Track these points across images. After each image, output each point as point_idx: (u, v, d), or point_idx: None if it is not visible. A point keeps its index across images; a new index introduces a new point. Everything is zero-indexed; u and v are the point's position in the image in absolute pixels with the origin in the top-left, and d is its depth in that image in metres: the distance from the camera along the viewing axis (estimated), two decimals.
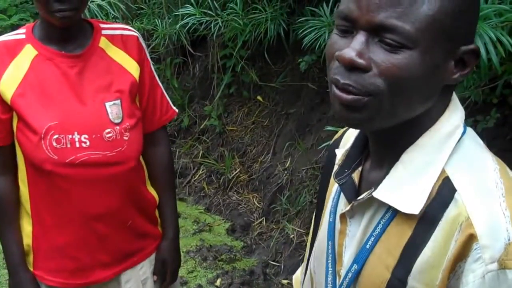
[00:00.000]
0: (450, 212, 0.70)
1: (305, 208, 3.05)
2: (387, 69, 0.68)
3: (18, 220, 1.51)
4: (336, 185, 0.87)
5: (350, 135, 0.91)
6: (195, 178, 3.87)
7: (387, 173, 0.76)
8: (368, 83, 0.69)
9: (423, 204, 0.72)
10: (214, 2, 3.10)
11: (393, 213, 0.75)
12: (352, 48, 0.69)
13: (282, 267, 3.00)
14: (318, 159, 3.09)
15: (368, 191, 0.77)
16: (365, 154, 0.84)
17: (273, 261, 3.07)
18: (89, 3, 3.41)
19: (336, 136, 0.97)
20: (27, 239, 1.51)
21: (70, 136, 1.40)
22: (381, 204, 0.76)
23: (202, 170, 3.86)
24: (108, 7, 3.72)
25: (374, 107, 0.70)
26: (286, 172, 3.30)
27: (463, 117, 0.78)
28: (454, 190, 0.71)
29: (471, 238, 0.68)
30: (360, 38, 0.69)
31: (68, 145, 1.40)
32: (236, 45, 3.35)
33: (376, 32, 0.68)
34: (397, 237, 0.74)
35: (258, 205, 3.44)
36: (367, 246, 0.77)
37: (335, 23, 0.75)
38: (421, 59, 0.68)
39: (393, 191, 0.74)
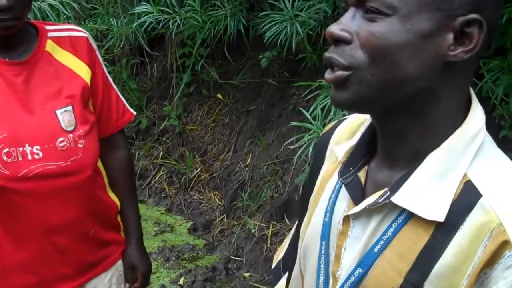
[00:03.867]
0: (476, 218, 0.68)
1: (266, 203, 3.07)
2: (366, 39, 0.67)
3: None
4: (332, 182, 0.83)
5: (345, 131, 0.87)
6: (156, 179, 3.82)
7: (405, 175, 0.72)
8: (348, 55, 0.68)
9: (447, 210, 0.69)
10: (172, 0, 3.08)
11: (407, 217, 0.71)
12: (338, 23, 0.70)
13: (244, 261, 3.01)
14: (279, 154, 3.11)
15: (381, 194, 0.73)
16: (370, 152, 0.80)
17: (235, 256, 3.08)
18: (39, 3, 3.30)
19: (326, 130, 0.92)
20: None
21: (21, 149, 1.33)
22: (394, 206, 0.72)
23: (163, 171, 3.81)
24: (60, 6, 3.62)
25: (356, 81, 0.68)
26: (247, 168, 3.30)
27: (484, 116, 0.73)
28: (478, 195, 0.68)
29: (503, 245, 0.65)
30: (347, 14, 0.70)
31: (20, 158, 1.33)
32: (195, 43, 3.34)
33: (362, 4, 0.69)
34: (412, 242, 0.70)
35: (220, 203, 3.43)
36: (375, 250, 0.73)
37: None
38: (400, 26, 0.66)
39: (414, 197, 0.70)
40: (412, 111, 0.71)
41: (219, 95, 3.71)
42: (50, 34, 1.43)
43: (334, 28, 0.70)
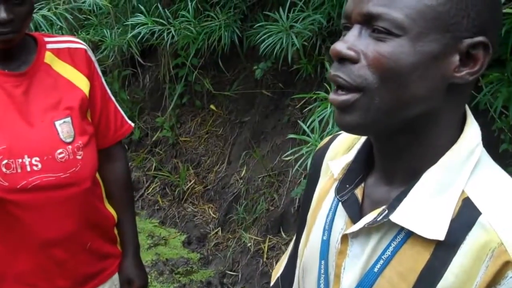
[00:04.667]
0: (476, 236, 0.67)
1: (262, 216, 3.03)
2: (375, 59, 0.66)
3: None
4: (329, 199, 0.82)
5: (340, 146, 0.86)
6: (149, 191, 3.77)
7: (403, 192, 0.71)
8: (356, 75, 0.67)
9: (446, 228, 0.67)
10: (166, 11, 3.06)
11: (406, 235, 0.70)
12: (343, 41, 0.69)
13: (240, 275, 2.96)
14: (274, 166, 3.08)
15: (380, 212, 0.71)
16: (367, 168, 0.78)
17: (230, 270, 3.03)
18: (32, 14, 3.28)
19: (321, 145, 0.92)
20: None
21: (20, 160, 1.33)
22: (393, 224, 0.71)
23: (156, 183, 3.77)
24: (54, 17, 3.59)
25: (364, 105, 0.67)
26: (242, 181, 3.27)
27: (480, 132, 0.73)
28: (477, 213, 0.67)
29: (505, 266, 0.65)
30: (353, 31, 0.69)
31: (19, 170, 1.33)
32: (189, 54, 3.32)
33: (368, 23, 0.67)
34: (412, 261, 0.69)
35: (214, 216, 3.39)
36: (375, 270, 0.72)
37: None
38: (410, 47, 0.65)
39: (412, 215, 0.69)
40: (413, 130, 0.70)
41: (212, 106, 3.68)
42: (49, 46, 1.44)
43: (341, 46, 0.68)
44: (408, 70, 0.65)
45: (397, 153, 0.72)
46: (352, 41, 0.68)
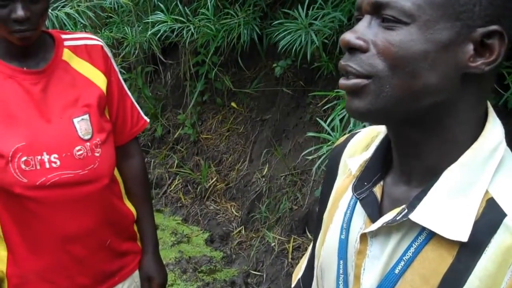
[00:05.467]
0: (501, 239, 0.65)
1: (285, 215, 3.00)
2: (384, 47, 0.65)
3: None
4: (346, 198, 0.81)
5: (359, 143, 0.85)
6: (171, 188, 3.79)
7: (423, 191, 0.69)
8: (366, 64, 0.67)
9: (470, 229, 0.65)
10: (186, 8, 3.04)
11: (428, 236, 0.68)
12: (353, 30, 0.69)
13: (264, 276, 2.94)
14: (296, 164, 3.05)
15: (399, 212, 0.70)
16: (385, 166, 0.77)
17: (255, 270, 3.01)
18: (56, 11, 3.32)
19: (339, 142, 0.90)
20: (2, 264, 1.43)
21: (39, 157, 1.33)
22: (414, 224, 0.69)
23: (178, 180, 3.78)
24: (77, 15, 3.63)
25: (374, 91, 0.66)
26: (264, 179, 3.25)
27: (503, 130, 0.71)
28: (502, 214, 0.65)
29: None
30: (363, 21, 0.69)
31: (38, 167, 1.33)
32: (209, 52, 3.30)
33: (377, 12, 0.67)
34: (435, 263, 0.67)
35: (237, 214, 3.38)
36: (396, 271, 0.70)
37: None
38: (419, 35, 0.64)
39: (434, 214, 0.67)
40: (430, 123, 0.68)
41: (233, 104, 3.66)
42: (67, 43, 1.44)
43: (349, 36, 0.68)
44: (418, 58, 0.64)
45: (414, 149, 0.70)
46: (361, 31, 0.68)
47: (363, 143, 0.84)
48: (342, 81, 0.69)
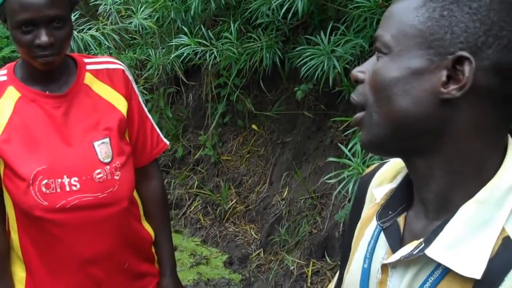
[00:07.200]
0: None
1: (305, 239, 2.98)
2: (371, 76, 0.72)
3: (9, 270, 1.44)
4: (371, 227, 0.81)
5: (386, 173, 0.86)
6: (191, 209, 3.80)
7: (439, 226, 0.69)
8: (361, 94, 0.73)
9: (484, 267, 0.66)
10: (209, 32, 3.09)
11: (444, 271, 0.68)
12: (362, 65, 0.75)
13: None
14: (317, 188, 3.03)
15: (416, 246, 0.70)
16: (410, 198, 0.78)
17: None
18: (82, 34, 3.39)
19: (367, 171, 0.91)
20: (20, 286, 1.45)
21: (59, 180, 1.35)
22: (430, 260, 0.69)
23: (198, 201, 3.79)
24: (102, 37, 3.70)
25: (368, 120, 0.72)
26: (283, 202, 3.24)
27: None
28: None
29: None
30: (373, 56, 0.74)
31: (58, 190, 1.35)
32: (231, 74, 3.33)
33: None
34: None
35: (256, 237, 3.36)
36: None
37: None
38: (392, 63, 0.70)
39: (449, 250, 0.68)
40: (431, 153, 0.70)
41: (254, 126, 3.68)
42: (89, 67, 1.47)
43: (354, 70, 0.75)
44: (390, 84, 0.69)
45: (423, 179, 0.72)
46: (365, 64, 0.74)
47: (391, 173, 0.85)
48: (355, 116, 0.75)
